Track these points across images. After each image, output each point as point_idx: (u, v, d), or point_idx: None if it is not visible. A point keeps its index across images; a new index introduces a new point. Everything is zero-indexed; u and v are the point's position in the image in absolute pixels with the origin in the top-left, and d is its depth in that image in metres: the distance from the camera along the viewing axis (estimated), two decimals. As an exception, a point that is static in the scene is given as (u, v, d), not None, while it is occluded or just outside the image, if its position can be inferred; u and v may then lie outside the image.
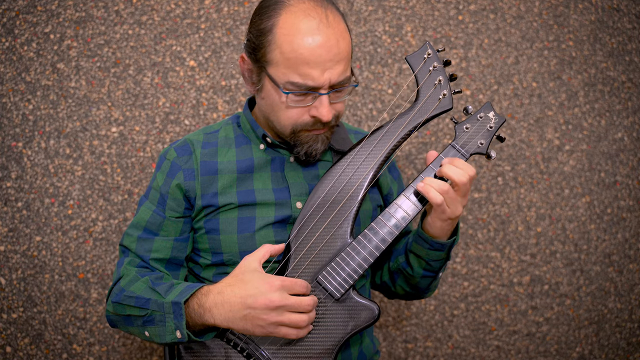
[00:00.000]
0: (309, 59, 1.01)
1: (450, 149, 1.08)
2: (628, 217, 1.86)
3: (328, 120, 1.06)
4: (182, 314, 0.99)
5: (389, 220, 1.06)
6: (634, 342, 1.87)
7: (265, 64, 1.06)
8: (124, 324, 1.10)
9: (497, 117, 1.10)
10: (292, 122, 1.08)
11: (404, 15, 1.77)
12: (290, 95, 1.04)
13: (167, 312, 1.01)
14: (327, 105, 1.05)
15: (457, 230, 1.14)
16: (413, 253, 1.14)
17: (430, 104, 1.08)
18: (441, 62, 1.08)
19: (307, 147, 1.11)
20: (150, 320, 1.03)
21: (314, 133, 1.10)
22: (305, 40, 1.00)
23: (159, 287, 1.04)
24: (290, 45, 1.01)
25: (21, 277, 1.55)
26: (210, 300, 0.99)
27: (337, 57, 1.02)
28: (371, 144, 1.09)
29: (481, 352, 1.80)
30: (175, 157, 1.16)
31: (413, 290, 1.23)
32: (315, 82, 1.02)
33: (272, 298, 0.95)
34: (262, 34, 1.05)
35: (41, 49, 1.59)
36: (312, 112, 1.06)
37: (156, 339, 1.04)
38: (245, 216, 1.12)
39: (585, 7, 1.86)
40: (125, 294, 1.07)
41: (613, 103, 1.86)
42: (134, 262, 1.14)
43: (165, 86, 1.64)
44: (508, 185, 1.81)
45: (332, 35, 1.02)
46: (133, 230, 1.16)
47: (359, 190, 1.07)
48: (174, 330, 1.00)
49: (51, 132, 1.58)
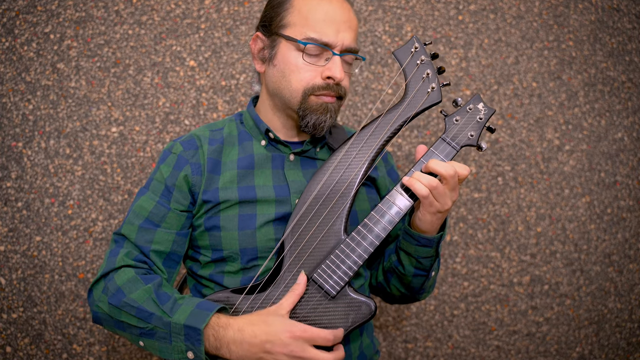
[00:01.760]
0: (325, 18, 1.10)
1: (441, 142, 1.08)
2: (628, 217, 1.86)
3: (340, 78, 1.11)
4: (201, 340, 0.98)
5: (383, 216, 1.06)
6: (634, 342, 1.87)
7: (281, 28, 1.14)
8: (114, 327, 1.08)
9: (486, 109, 1.10)
10: (304, 84, 1.12)
11: (404, 15, 1.77)
12: (307, 47, 1.10)
13: (176, 332, 1.00)
14: (340, 65, 1.11)
15: (444, 226, 1.14)
16: (403, 250, 1.15)
17: (419, 97, 1.08)
18: (428, 56, 1.08)
19: (315, 117, 1.13)
20: (150, 334, 1.02)
21: (324, 99, 1.13)
22: (321, 3, 1.12)
23: (164, 304, 1.03)
24: (308, 7, 1.12)
25: (21, 277, 1.55)
26: (230, 335, 0.99)
27: (349, 22, 1.13)
28: (362, 139, 1.09)
29: (481, 352, 1.80)
30: (181, 151, 1.16)
31: (407, 291, 1.23)
32: (330, 38, 1.10)
33: (292, 348, 0.96)
34: (279, 5, 1.15)
35: (41, 49, 1.59)
36: (326, 73, 1.11)
37: (154, 352, 1.03)
38: (246, 213, 1.12)
39: (585, 7, 1.86)
40: (125, 300, 1.04)
41: (613, 103, 1.86)
42: (132, 255, 1.10)
43: (165, 86, 1.64)
44: (508, 185, 1.81)
45: (344, 4, 1.15)
46: (134, 219, 1.13)
47: (352, 186, 1.07)
48: (185, 352, 1.00)
49: (51, 132, 1.58)
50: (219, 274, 1.13)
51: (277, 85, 1.16)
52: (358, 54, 1.17)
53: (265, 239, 1.11)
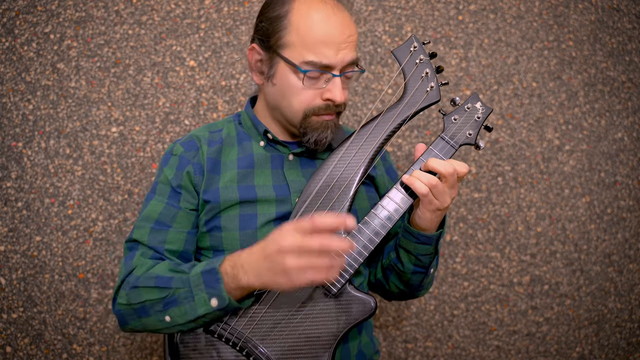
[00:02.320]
0: (324, 39, 1.07)
1: (440, 141, 1.09)
2: (628, 217, 1.86)
3: (342, 101, 1.10)
4: (220, 278, 0.96)
5: (382, 213, 1.06)
6: (634, 342, 1.87)
7: (279, 47, 1.10)
8: (138, 316, 1.06)
9: (484, 108, 1.10)
10: (304, 105, 1.11)
11: (404, 15, 1.77)
12: (307, 74, 1.08)
13: (195, 284, 0.99)
14: (340, 87, 1.09)
15: (444, 223, 1.14)
16: (402, 248, 1.15)
17: (418, 96, 1.09)
18: (427, 55, 1.09)
19: (317, 134, 1.13)
20: (173, 301, 1.01)
21: (324, 118, 1.13)
22: (320, 22, 1.07)
23: (180, 267, 1.04)
24: (306, 27, 1.07)
25: (21, 277, 1.55)
26: (244, 258, 0.96)
27: (349, 38, 1.09)
28: (361, 138, 1.10)
29: (481, 352, 1.80)
30: (182, 152, 1.17)
31: (406, 288, 1.23)
32: (330, 60, 1.07)
33: (282, 242, 0.88)
34: (276, 20, 1.10)
35: (41, 49, 1.59)
36: (326, 95, 1.10)
37: (180, 320, 1.01)
38: (247, 213, 1.12)
39: (585, 7, 1.86)
40: (145, 276, 1.04)
41: (613, 103, 1.86)
42: (147, 254, 1.11)
43: (165, 86, 1.64)
44: (508, 185, 1.81)
45: (344, 19, 1.10)
46: (144, 223, 1.13)
47: (351, 185, 1.08)
48: (208, 300, 0.97)
49: (51, 132, 1.58)
50: None
51: (278, 104, 1.16)
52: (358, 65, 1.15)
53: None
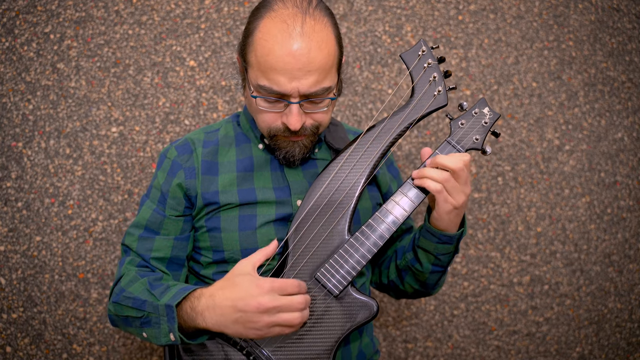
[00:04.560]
0: (276, 66, 1.01)
1: (446, 145, 1.09)
2: (628, 217, 1.86)
3: (295, 129, 1.06)
4: (174, 317, 0.99)
5: (386, 216, 1.07)
6: (634, 342, 1.87)
7: (246, 63, 1.09)
8: (124, 325, 1.12)
9: (491, 113, 1.10)
10: (266, 125, 1.10)
11: (404, 15, 1.77)
12: (258, 99, 1.06)
13: (162, 314, 1.01)
14: (296, 115, 1.05)
15: (464, 222, 1.14)
16: (421, 248, 1.15)
17: (426, 100, 1.09)
18: (435, 59, 1.09)
19: (284, 152, 1.12)
20: (147, 322, 1.04)
21: (290, 139, 1.11)
22: (275, 47, 1.01)
23: (155, 290, 1.05)
24: (262, 50, 1.02)
25: (21, 277, 1.55)
26: (203, 303, 0.99)
27: (307, 67, 1.01)
28: (367, 141, 1.10)
29: (481, 352, 1.80)
30: (176, 156, 1.17)
31: (422, 288, 1.23)
32: (281, 88, 1.02)
33: (262, 301, 0.94)
34: (246, 35, 1.08)
35: (41, 49, 1.59)
36: (283, 119, 1.07)
37: (153, 340, 1.05)
38: (247, 214, 1.13)
39: (585, 7, 1.86)
40: (124, 294, 1.08)
41: (613, 103, 1.86)
42: (135, 262, 1.15)
43: (165, 86, 1.64)
44: (508, 185, 1.81)
45: (305, 44, 1.01)
46: (134, 230, 1.18)
47: (356, 187, 1.08)
48: (168, 333, 1.01)
49: (51, 132, 1.58)
50: (222, 274, 1.13)
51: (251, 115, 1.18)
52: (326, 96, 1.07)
53: (266, 239, 1.12)
